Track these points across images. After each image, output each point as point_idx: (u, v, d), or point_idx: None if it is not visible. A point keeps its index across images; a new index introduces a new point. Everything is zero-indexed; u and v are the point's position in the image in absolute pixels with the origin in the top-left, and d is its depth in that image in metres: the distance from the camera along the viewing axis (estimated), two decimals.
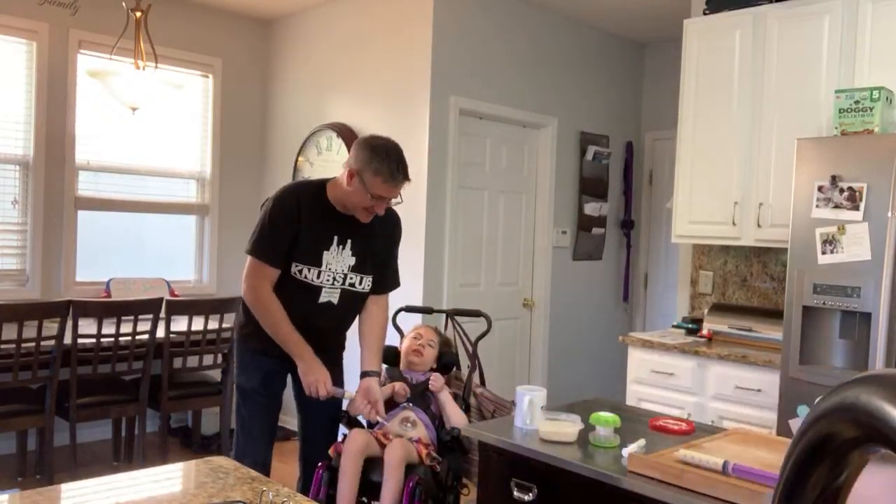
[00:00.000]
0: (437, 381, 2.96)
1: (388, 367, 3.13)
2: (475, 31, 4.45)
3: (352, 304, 2.68)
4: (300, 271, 2.53)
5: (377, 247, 2.69)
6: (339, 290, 2.61)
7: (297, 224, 2.51)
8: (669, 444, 2.01)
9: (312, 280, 2.54)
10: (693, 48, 3.78)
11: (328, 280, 2.57)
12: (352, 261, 2.60)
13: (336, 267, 2.57)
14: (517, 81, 4.69)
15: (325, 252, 2.54)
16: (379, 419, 2.74)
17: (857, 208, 2.81)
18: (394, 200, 2.61)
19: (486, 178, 4.66)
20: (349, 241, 2.59)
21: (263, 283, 2.52)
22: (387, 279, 2.78)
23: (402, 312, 3.50)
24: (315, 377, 2.54)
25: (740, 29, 3.60)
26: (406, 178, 2.59)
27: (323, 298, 2.58)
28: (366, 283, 2.66)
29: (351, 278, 2.62)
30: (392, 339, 3.39)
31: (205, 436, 4.61)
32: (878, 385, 0.37)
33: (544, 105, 4.87)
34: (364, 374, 2.68)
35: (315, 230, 2.53)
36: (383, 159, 2.51)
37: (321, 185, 2.61)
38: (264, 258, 2.51)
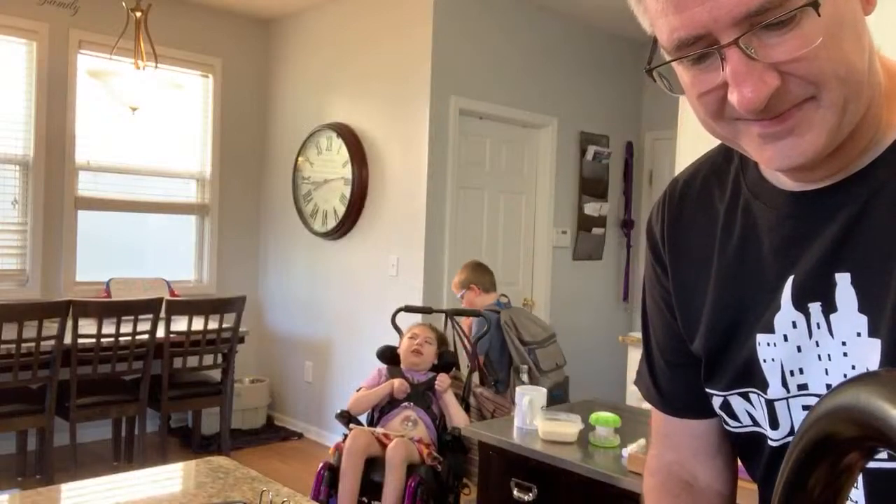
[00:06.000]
0: (443, 382, 2.97)
1: (389, 366, 3.13)
2: (475, 32, 4.45)
3: None
4: (723, 409, 0.79)
5: None
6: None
7: (667, 277, 0.83)
8: None
9: (764, 431, 0.75)
10: None
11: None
12: (874, 345, 0.64)
13: (818, 377, 0.69)
14: (517, 81, 4.69)
15: (758, 337, 0.72)
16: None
17: None
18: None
19: (486, 178, 4.66)
20: (854, 268, 0.66)
21: (653, 453, 0.94)
22: None
23: (402, 312, 3.50)
24: None
25: None
26: None
27: None
28: None
29: None
30: (392, 338, 3.39)
31: (205, 436, 4.61)
32: (878, 385, 0.37)
33: (544, 105, 4.87)
34: None
35: (722, 278, 0.76)
36: None
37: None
38: (641, 386, 0.93)
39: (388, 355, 3.18)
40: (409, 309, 3.54)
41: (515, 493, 2.09)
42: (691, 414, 0.85)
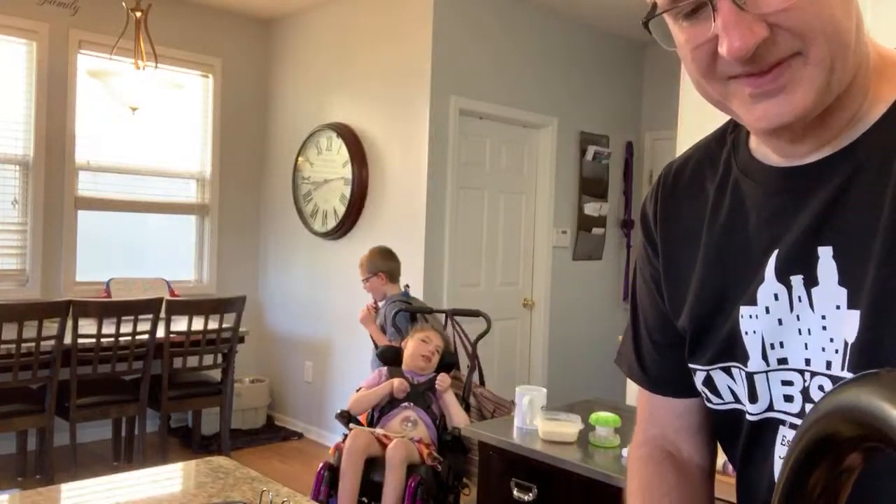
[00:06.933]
0: (443, 382, 2.97)
1: (389, 367, 3.13)
2: (475, 31, 4.45)
3: None
4: (706, 385, 0.79)
5: None
6: None
7: (657, 256, 0.85)
8: None
9: (744, 406, 0.76)
10: None
11: (784, 400, 0.72)
12: (852, 317, 0.65)
13: (797, 351, 0.70)
14: (517, 81, 4.69)
15: (741, 309, 0.73)
16: None
17: None
18: None
19: (486, 178, 4.66)
20: (836, 242, 0.66)
21: (639, 428, 0.94)
22: None
23: (402, 313, 3.50)
24: None
25: None
26: None
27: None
28: None
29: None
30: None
31: (205, 436, 4.61)
32: (878, 385, 0.37)
33: (544, 105, 4.87)
34: None
35: (710, 253, 0.77)
36: None
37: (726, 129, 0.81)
38: (623, 363, 0.94)
39: (389, 356, 3.18)
40: (409, 309, 3.54)
41: (515, 493, 2.09)
42: (674, 393, 0.87)
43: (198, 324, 4.16)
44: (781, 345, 0.70)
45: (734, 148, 0.78)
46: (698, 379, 0.79)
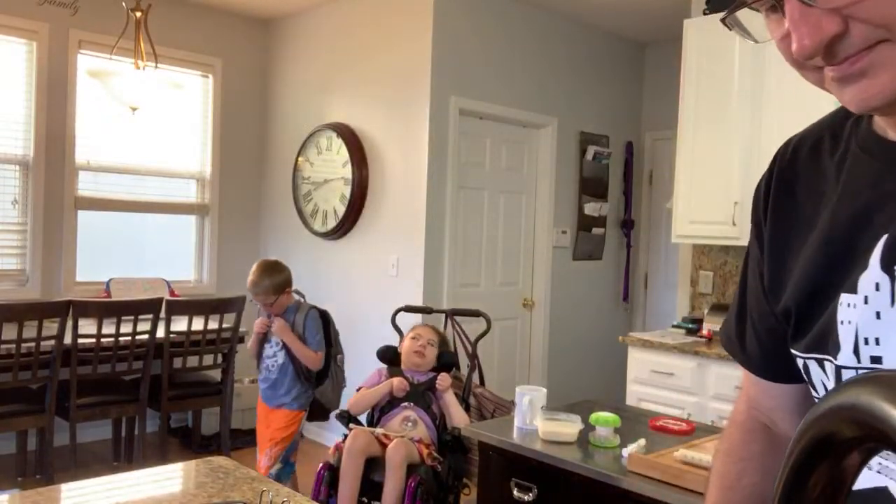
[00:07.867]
0: (444, 381, 2.97)
1: (389, 367, 3.13)
2: (475, 31, 4.45)
3: None
4: (805, 374, 0.74)
5: None
6: None
7: (761, 234, 0.83)
8: (669, 444, 2.01)
9: None
10: (693, 48, 3.78)
11: None
12: None
13: (894, 351, 0.64)
14: (517, 81, 4.69)
15: (841, 297, 0.68)
16: None
17: None
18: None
19: (486, 178, 4.66)
20: None
21: (740, 398, 0.97)
22: None
23: (402, 312, 3.51)
24: None
25: None
26: None
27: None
28: None
29: None
30: (392, 338, 3.39)
31: (205, 436, 4.61)
32: (878, 385, 0.37)
33: (544, 105, 4.87)
34: None
35: (821, 233, 0.73)
36: None
37: None
38: (723, 335, 0.94)
39: (389, 355, 3.18)
40: (409, 309, 3.54)
41: (515, 493, 2.09)
42: (767, 376, 0.85)
43: (198, 324, 4.16)
44: (877, 341, 0.64)
45: (857, 119, 0.71)
46: (798, 365, 0.74)
